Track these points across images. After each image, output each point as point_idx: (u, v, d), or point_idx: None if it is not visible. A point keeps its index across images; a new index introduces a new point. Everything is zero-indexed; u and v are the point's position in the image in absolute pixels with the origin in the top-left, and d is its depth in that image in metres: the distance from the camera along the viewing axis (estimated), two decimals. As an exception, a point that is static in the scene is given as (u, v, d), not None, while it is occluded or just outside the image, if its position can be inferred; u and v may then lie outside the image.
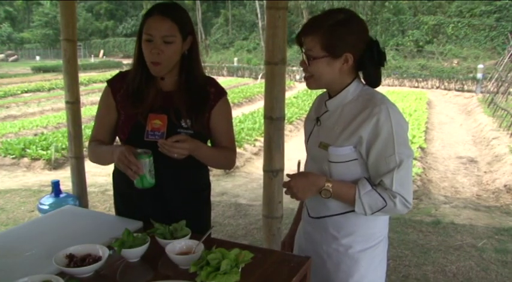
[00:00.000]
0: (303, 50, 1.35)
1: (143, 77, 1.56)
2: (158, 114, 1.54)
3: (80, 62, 4.71)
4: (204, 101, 1.61)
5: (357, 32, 1.32)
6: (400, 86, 20.22)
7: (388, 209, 1.31)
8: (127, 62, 32.87)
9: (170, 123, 1.55)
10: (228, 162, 1.71)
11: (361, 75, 1.40)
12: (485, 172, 7.01)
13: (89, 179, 3.93)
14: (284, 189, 1.40)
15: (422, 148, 8.08)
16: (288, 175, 1.40)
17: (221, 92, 1.67)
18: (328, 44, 1.29)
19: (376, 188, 1.31)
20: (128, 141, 1.57)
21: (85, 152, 4.57)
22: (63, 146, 7.41)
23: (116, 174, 1.71)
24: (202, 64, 1.69)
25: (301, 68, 1.39)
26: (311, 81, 1.38)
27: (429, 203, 5.20)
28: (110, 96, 1.60)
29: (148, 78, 1.56)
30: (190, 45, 1.57)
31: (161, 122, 1.54)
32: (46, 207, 3.10)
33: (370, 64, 1.32)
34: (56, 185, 3.16)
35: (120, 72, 1.67)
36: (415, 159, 6.84)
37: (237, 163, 7.02)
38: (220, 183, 5.88)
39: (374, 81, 1.36)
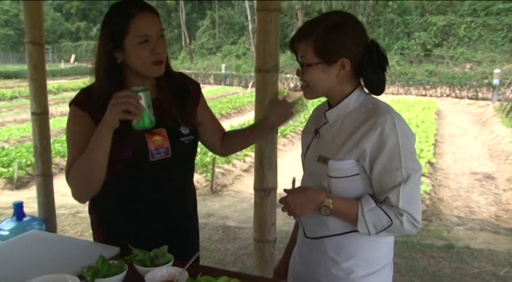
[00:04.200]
0: (298, 57, 1.38)
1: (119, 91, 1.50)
2: (154, 130, 1.52)
3: (48, 67, 4.71)
4: (188, 99, 1.68)
5: (353, 35, 1.34)
6: (405, 94, 20.40)
7: (394, 229, 1.32)
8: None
9: (171, 134, 1.57)
10: None
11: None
12: (504, 190, 7.02)
13: (58, 200, 3.89)
14: (281, 206, 1.42)
15: (431, 163, 8.13)
16: (285, 190, 1.41)
17: (197, 86, 1.79)
18: (321, 49, 1.33)
19: (381, 205, 1.33)
20: (130, 168, 1.52)
21: (54, 168, 4.54)
22: (28, 163, 7.36)
23: (103, 203, 1.70)
24: (187, 71, 1.73)
25: (297, 76, 1.42)
26: (307, 90, 1.41)
27: (440, 225, 5.22)
28: (89, 121, 1.52)
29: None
30: None
31: (161, 137, 1.54)
32: (6, 232, 3.06)
33: (371, 69, 1.34)
34: (18, 207, 3.13)
35: (83, 90, 1.61)
36: (423, 175, 6.86)
37: (225, 181, 7.01)
38: (206, 204, 5.87)
39: (376, 88, 1.39)
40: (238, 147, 1.92)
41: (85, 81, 1.64)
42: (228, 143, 1.84)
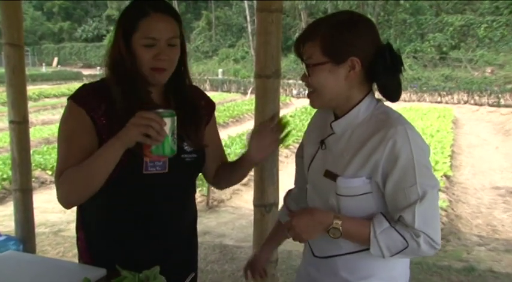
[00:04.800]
0: (304, 60, 1.39)
1: (132, 92, 1.52)
2: None
3: (27, 71, 4.73)
4: (198, 116, 1.67)
5: (364, 34, 1.35)
6: (419, 101, 20.52)
7: (411, 251, 1.32)
8: (88, 73, 32.87)
9: None
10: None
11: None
12: (531, 207, 7.01)
13: (38, 217, 3.89)
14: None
15: (447, 176, 8.14)
16: (288, 213, 1.41)
17: (211, 104, 1.78)
18: (328, 47, 1.33)
19: (395, 226, 1.32)
20: (121, 177, 1.51)
21: (34, 182, 4.53)
22: (4, 176, 7.36)
23: (83, 208, 1.70)
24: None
25: (300, 81, 1.42)
26: (314, 96, 1.40)
27: (459, 245, 5.21)
28: (85, 118, 1.52)
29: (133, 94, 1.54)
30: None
31: None
32: (-20, 253, 3.05)
33: (384, 72, 1.34)
34: (-7, 226, 3.13)
35: (85, 85, 1.63)
36: (438, 190, 6.85)
37: (223, 196, 7.01)
38: (202, 221, 5.84)
39: (391, 93, 1.38)
40: (226, 182, 1.85)
41: (69, 86, 1.66)
42: (218, 175, 1.80)
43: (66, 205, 1.56)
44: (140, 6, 1.52)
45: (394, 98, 1.38)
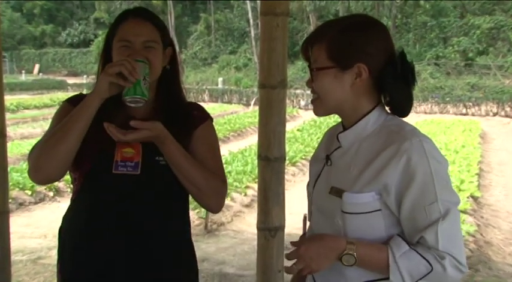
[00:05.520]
0: (310, 64, 1.42)
1: (112, 97, 1.61)
2: (129, 142, 1.60)
3: (5, 79, 4.75)
4: (186, 125, 1.74)
5: (375, 39, 1.38)
6: (441, 113, 20.48)
7: (435, 276, 1.30)
8: (73, 82, 33.02)
9: (146, 153, 1.63)
10: (211, 189, 1.71)
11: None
12: None
13: (15, 243, 3.88)
14: (289, 249, 1.41)
15: (474, 198, 8.08)
16: (292, 243, 1.41)
17: (205, 116, 1.83)
18: (335, 51, 1.36)
19: (415, 248, 1.32)
20: (91, 175, 1.63)
21: (11, 204, 4.52)
22: (-21, 197, 7.37)
23: (64, 229, 1.73)
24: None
25: (308, 92, 1.44)
26: (317, 103, 1.43)
27: (490, 275, 5.15)
28: None
29: (117, 101, 1.62)
30: (169, 59, 1.75)
31: (134, 150, 1.62)
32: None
33: (393, 81, 1.36)
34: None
35: (81, 94, 1.79)
36: (465, 213, 6.83)
37: (222, 218, 6.99)
38: (200, 246, 5.84)
39: (399, 107, 1.40)
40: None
41: (52, 96, 1.73)
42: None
43: (35, 174, 1.65)
44: (123, 13, 1.74)
45: (403, 112, 1.41)
